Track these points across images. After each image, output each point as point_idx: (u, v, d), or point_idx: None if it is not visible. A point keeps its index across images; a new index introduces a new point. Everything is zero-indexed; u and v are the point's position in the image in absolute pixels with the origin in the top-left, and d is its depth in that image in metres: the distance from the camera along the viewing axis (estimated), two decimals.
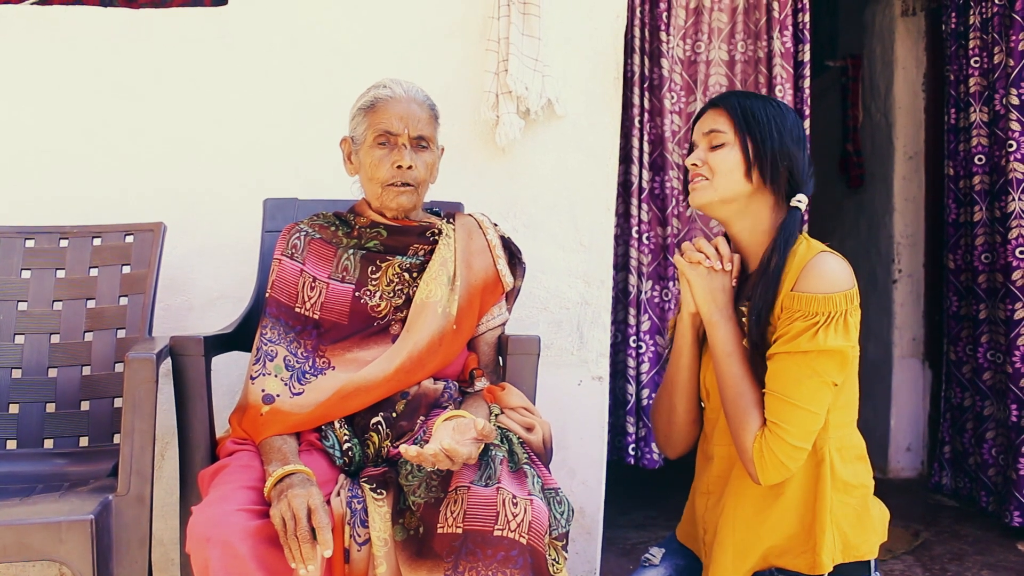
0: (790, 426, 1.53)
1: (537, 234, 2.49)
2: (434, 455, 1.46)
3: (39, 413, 2.07)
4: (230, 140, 2.45)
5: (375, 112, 1.84)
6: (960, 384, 3.38)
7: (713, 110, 1.69)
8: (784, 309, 1.57)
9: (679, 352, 1.75)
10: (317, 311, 1.81)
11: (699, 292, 1.68)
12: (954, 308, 3.41)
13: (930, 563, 2.81)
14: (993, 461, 3.19)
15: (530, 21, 2.38)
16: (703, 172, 1.66)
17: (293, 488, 1.49)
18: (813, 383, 1.53)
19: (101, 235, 2.20)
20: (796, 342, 1.54)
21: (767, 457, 1.54)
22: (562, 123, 2.49)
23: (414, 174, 1.84)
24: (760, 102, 1.67)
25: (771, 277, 1.59)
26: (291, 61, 2.46)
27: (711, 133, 1.66)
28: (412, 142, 1.83)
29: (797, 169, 1.65)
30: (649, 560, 1.79)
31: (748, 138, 1.63)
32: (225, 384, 2.14)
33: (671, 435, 1.79)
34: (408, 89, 1.86)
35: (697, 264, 1.69)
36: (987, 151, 3.19)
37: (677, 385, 1.75)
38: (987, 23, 3.15)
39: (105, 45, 2.42)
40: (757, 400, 1.59)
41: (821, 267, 1.56)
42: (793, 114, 1.69)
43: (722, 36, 3.04)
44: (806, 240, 1.65)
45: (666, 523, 3.15)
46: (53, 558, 1.55)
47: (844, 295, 1.54)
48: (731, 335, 1.64)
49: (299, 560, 1.42)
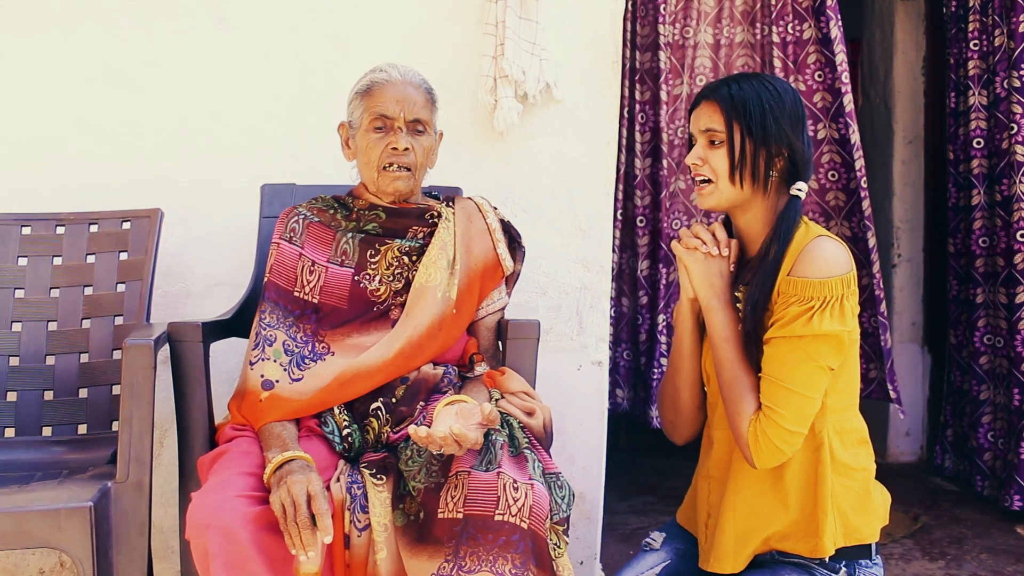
0: (785, 410, 1.53)
1: (536, 219, 2.48)
2: (443, 438, 1.46)
3: (37, 401, 2.06)
4: (228, 127, 2.43)
5: (371, 96, 1.83)
6: (959, 368, 3.38)
7: (707, 104, 1.65)
8: (780, 293, 1.57)
9: (680, 339, 1.75)
10: (316, 295, 1.80)
11: (696, 278, 1.67)
12: (954, 292, 3.41)
13: (929, 547, 2.81)
14: (989, 445, 3.19)
15: (527, 4, 2.36)
16: (705, 173, 1.64)
17: (293, 474, 1.48)
18: (808, 367, 1.53)
19: (98, 222, 2.19)
20: (792, 326, 1.53)
21: (762, 441, 1.54)
22: (560, 108, 2.48)
23: (410, 157, 1.83)
24: (755, 88, 1.62)
25: (769, 267, 1.59)
26: (289, 48, 2.44)
27: (708, 131, 1.64)
28: (408, 125, 1.82)
29: (797, 155, 1.63)
30: (650, 544, 1.79)
31: (745, 136, 1.60)
32: (224, 370, 2.13)
33: (676, 421, 1.79)
34: (405, 73, 1.85)
35: (694, 250, 1.68)
36: (986, 134, 3.18)
37: (680, 371, 1.75)
38: (987, 5, 3.13)
39: (101, 32, 2.40)
40: (753, 385, 1.59)
41: (817, 251, 1.55)
42: (792, 93, 1.65)
43: (708, 20, 3.02)
44: (805, 224, 1.64)
45: (666, 508, 3.15)
46: (52, 545, 1.55)
47: (840, 279, 1.53)
48: (728, 321, 1.63)
49: (299, 546, 1.41)
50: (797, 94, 1.67)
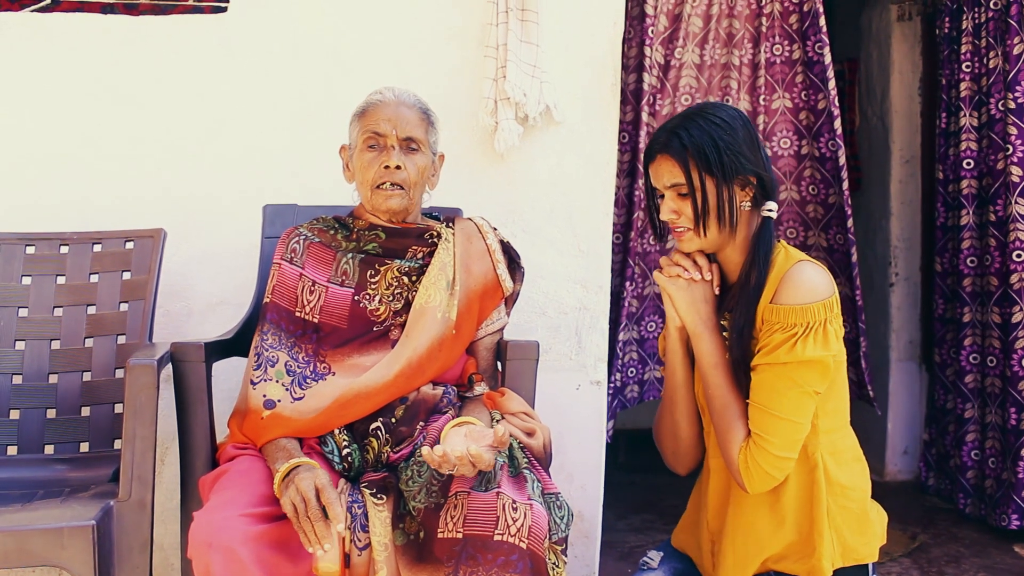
0: (773, 437, 1.54)
1: (535, 239, 2.50)
2: (460, 458, 1.47)
3: (40, 419, 2.07)
4: (230, 147, 2.45)
5: (365, 116, 1.86)
6: (943, 386, 3.41)
7: (663, 159, 1.64)
8: (764, 321, 1.58)
9: (673, 369, 1.75)
10: (316, 315, 1.82)
11: (681, 305, 1.68)
12: (940, 311, 3.43)
13: (927, 566, 2.82)
14: (973, 464, 3.21)
15: (528, 27, 2.39)
16: (684, 224, 1.64)
17: (299, 474, 1.52)
18: (794, 394, 1.54)
19: (101, 241, 2.20)
20: (776, 354, 1.54)
21: (752, 468, 1.56)
22: (560, 129, 2.50)
23: (403, 175, 1.84)
24: (703, 128, 1.61)
25: (752, 292, 1.60)
26: (290, 68, 2.47)
27: (674, 186, 1.63)
28: (401, 143, 1.84)
29: (763, 178, 1.64)
30: (647, 563, 1.80)
31: (708, 180, 1.60)
32: (225, 389, 2.14)
33: (679, 452, 1.79)
34: (399, 94, 1.88)
35: (676, 277, 1.69)
36: (976, 155, 3.20)
37: (676, 403, 1.75)
38: (980, 28, 3.16)
39: (105, 52, 2.43)
40: (742, 411, 1.60)
41: (798, 277, 1.56)
42: (740, 118, 1.65)
43: (696, 40, 3.05)
44: (784, 249, 1.65)
45: (664, 527, 3.16)
46: (55, 564, 1.56)
47: (822, 304, 1.54)
48: (716, 347, 1.64)
49: (314, 541, 1.44)
50: (746, 118, 1.66)
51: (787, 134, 3.10)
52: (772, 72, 3.07)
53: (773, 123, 3.11)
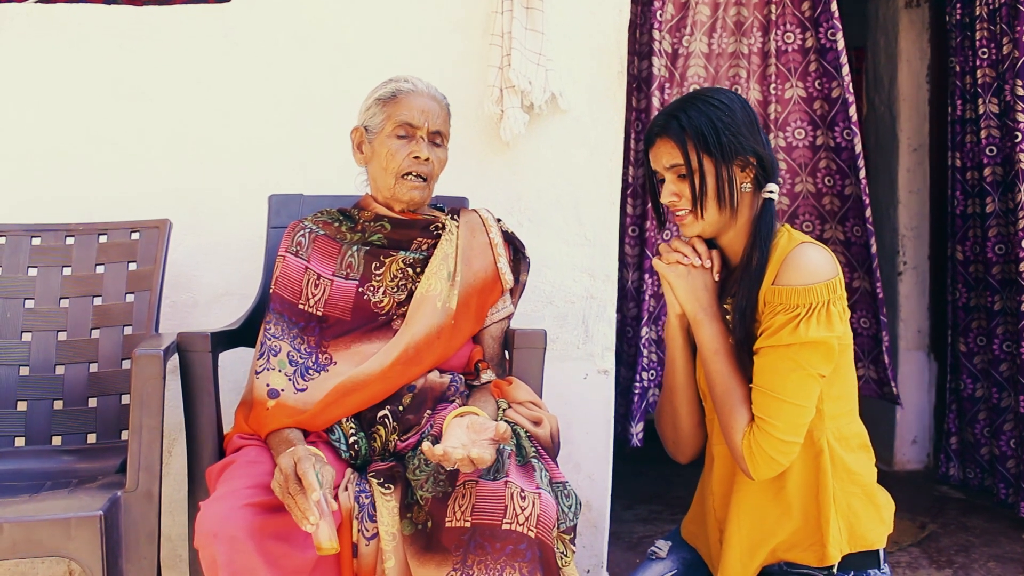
0: (778, 421, 1.52)
1: (541, 228, 2.49)
2: (460, 460, 1.47)
3: (47, 410, 2.07)
4: (235, 137, 2.45)
5: (396, 103, 1.85)
6: (971, 375, 3.36)
7: (662, 142, 1.65)
8: (767, 303, 1.56)
9: (673, 357, 1.74)
10: (321, 307, 1.82)
11: (681, 292, 1.67)
12: (963, 299, 3.39)
13: (937, 555, 2.81)
14: (1012, 452, 3.17)
15: (533, 15, 2.38)
16: (684, 206, 1.64)
17: (282, 455, 1.50)
18: (798, 376, 1.52)
19: (107, 232, 2.20)
20: (778, 335, 1.53)
21: (756, 453, 1.54)
22: (566, 118, 2.49)
23: (429, 168, 1.86)
24: (701, 111, 1.61)
25: (754, 275, 1.59)
26: (295, 58, 2.46)
27: (673, 167, 1.63)
28: (429, 136, 1.86)
29: (763, 159, 1.63)
30: (656, 553, 1.79)
31: (708, 161, 1.60)
32: (232, 380, 2.15)
33: (679, 440, 1.78)
34: (428, 86, 1.89)
35: (676, 264, 1.68)
36: (998, 142, 3.17)
37: (676, 390, 1.74)
38: (994, 14, 3.13)
39: (109, 43, 2.42)
40: (745, 396, 1.59)
41: (800, 259, 1.55)
42: (738, 100, 1.65)
43: (703, 29, 3.03)
44: (787, 232, 1.63)
45: (672, 517, 3.15)
46: (62, 554, 1.56)
47: (825, 285, 1.52)
48: (717, 333, 1.63)
49: (300, 518, 1.41)
50: (743, 100, 1.66)
51: (801, 124, 3.07)
52: (784, 60, 3.04)
53: (787, 113, 3.08)
